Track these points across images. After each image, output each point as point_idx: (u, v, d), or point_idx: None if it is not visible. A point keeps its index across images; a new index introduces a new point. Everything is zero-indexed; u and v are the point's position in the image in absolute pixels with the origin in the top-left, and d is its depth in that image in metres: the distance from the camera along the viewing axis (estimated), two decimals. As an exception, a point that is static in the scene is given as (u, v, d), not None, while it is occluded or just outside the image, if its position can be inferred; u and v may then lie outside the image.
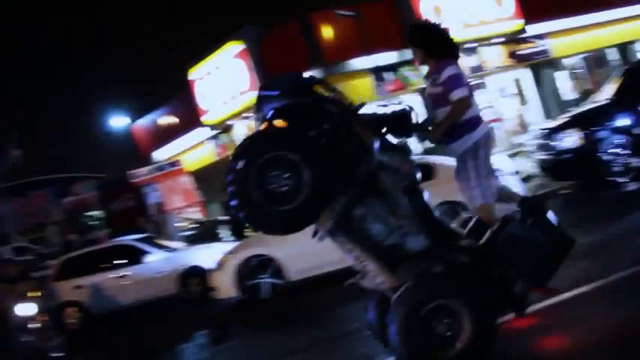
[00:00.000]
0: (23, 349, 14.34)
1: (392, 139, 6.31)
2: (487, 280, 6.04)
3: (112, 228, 25.53)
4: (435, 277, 6.00)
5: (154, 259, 16.29)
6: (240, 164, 5.66)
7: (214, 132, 27.17)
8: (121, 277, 16.31)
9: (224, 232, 21.86)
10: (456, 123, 6.31)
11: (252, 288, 12.78)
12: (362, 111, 6.26)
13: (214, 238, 20.70)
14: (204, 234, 21.34)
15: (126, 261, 16.52)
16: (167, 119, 30.00)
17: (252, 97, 23.10)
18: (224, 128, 26.43)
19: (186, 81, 26.43)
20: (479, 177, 6.34)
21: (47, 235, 29.97)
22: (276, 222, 5.87)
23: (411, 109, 6.39)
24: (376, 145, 6.03)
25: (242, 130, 25.53)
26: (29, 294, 14.14)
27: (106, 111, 35.08)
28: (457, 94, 6.26)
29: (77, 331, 15.78)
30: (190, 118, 26.96)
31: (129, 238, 17.65)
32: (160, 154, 30.28)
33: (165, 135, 29.75)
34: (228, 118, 25.50)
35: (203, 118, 26.30)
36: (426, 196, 6.35)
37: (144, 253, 16.38)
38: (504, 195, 6.79)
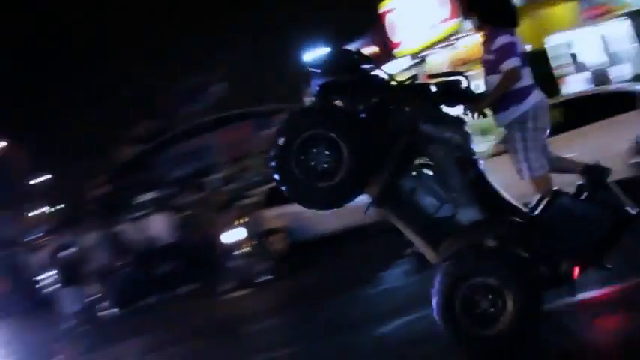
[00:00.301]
0: (232, 273, 15.12)
1: (445, 110, 6.24)
2: (532, 258, 5.88)
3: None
4: (477, 253, 5.92)
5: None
6: (282, 141, 5.85)
7: (413, 62, 26.98)
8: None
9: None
10: (505, 93, 6.18)
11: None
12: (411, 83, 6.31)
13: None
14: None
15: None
16: (364, 51, 30.00)
17: (450, 26, 22.83)
18: (420, 59, 26.15)
19: (377, 14, 26.26)
20: (526, 149, 6.20)
21: (251, 166, 31.01)
22: (316, 198, 6.08)
23: (466, 78, 6.33)
24: (424, 117, 5.98)
25: (436, 60, 25.17)
26: (237, 221, 14.84)
27: (302, 44, 35.46)
28: (508, 64, 6.13)
29: (282, 257, 16.39)
30: (383, 51, 26.81)
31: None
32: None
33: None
34: (423, 50, 25.19)
35: (396, 51, 26.12)
36: (482, 166, 6.24)
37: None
38: (561, 165, 6.56)
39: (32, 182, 50.29)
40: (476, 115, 6.31)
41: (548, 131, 6.38)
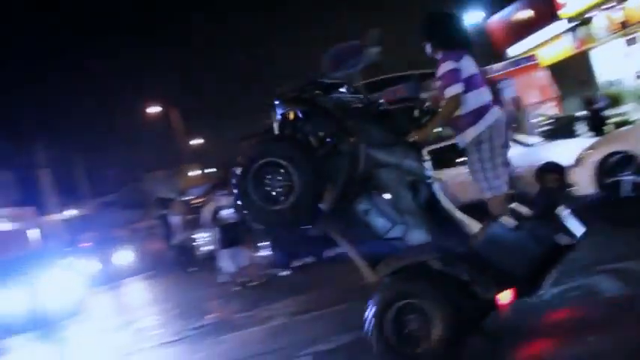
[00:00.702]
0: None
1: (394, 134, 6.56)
2: (467, 282, 6.14)
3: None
4: (411, 274, 6.32)
5: (510, 154, 16.10)
6: (239, 170, 6.58)
7: (572, 24, 26.25)
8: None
9: (581, 127, 21.20)
10: (460, 115, 6.44)
11: (612, 185, 12.34)
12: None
13: (570, 133, 20.14)
14: (561, 129, 20.80)
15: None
16: (523, 14, 29.41)
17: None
18: (582, 20, 25.44)
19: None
20: (484, 170, 6.41)
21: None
22: (273, 220, 6.69)
23: (423, 102, 6.78)
24: (374, 143, 6.43)
25: (602, 21, 24.45)
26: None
27: (461, 7, 34.82)
28: (448, 92, 6.37)
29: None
30: (546, 12, 26.22)
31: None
32: (515, 50, 29.84)
33: (521, 30, 29.24)
34: (588, 10, 24.52)
35: (561, 11, 25.48)
36: (437, 189, 6.74)
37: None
38: (519, 186, 6.80)
39: (189, 143, 51.69)
40: (421, 141, 6.63)
41: (508, 150, 6.62)
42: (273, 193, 6.48)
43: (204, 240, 25.05)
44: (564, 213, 6.56)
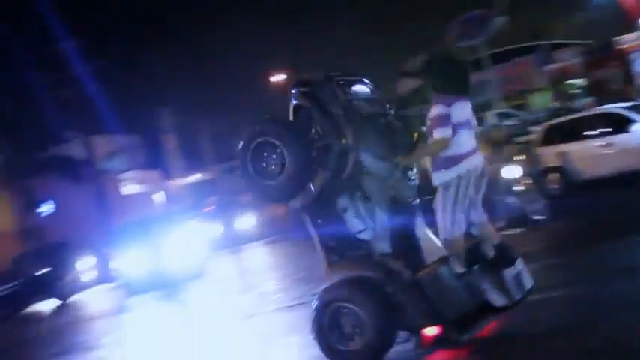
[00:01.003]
0: (505, 210, 14.78)
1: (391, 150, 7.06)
2: (400, 304, 6.77)
3: (596, 96, 25.01)
4: (351, 282, 7.07)
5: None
6: (239, 145, 7.26)
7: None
8: (605, 145, 15.94)
9: None
10: (439, 155, 6.76)
11: None
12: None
13: None
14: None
15: (611, 129, 16.05)
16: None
17: None
18: None
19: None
20: (444, 212, 6.78)
21: (530, 102, 30.20)
22: (264, 193, 7.35)
23: (422, 124, 7.04)
24: (366, 149, 6.93)
25: None
26: (514, 158, 14.51)
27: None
28: (436, 134, 6.70)
29: (558, 197, 15.90)
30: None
31: (616, 106, 17.04)
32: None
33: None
34: None
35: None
36: (415, 210, 7.35)
37: (632, 121, 15.73)
38: (482, 232, 7.07)
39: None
40: (403, 166, 7.11)
41: (479, 196, 6.99)
42: (268, 170, 7.12)
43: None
44: (514, 271, 6.87)
